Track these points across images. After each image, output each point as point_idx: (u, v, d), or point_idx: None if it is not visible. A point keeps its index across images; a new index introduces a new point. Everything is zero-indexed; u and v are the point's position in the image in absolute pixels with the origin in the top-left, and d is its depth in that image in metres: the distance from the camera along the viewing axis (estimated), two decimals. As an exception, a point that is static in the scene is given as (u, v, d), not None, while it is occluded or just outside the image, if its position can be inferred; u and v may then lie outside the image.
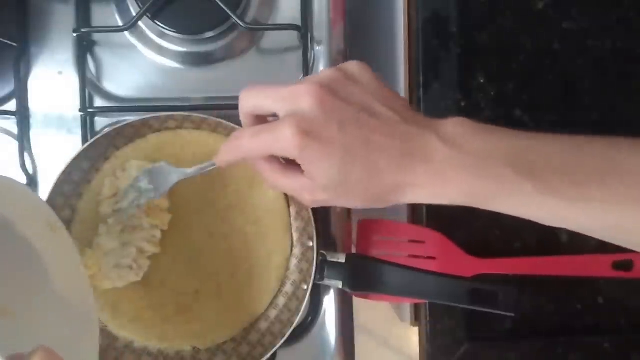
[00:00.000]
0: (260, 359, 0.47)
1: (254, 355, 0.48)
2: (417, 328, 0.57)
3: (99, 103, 0.52)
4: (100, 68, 0.52)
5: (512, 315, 0.45)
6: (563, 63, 0.58)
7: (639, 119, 0.57)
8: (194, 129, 0.49)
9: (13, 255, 0.38)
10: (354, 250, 0.54)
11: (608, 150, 0.36)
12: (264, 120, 0.40)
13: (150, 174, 0.46)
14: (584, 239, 0.39)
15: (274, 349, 0.47)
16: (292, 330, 0.47)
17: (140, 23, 0.51)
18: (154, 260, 0.48)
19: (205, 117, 0.47)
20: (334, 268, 0.47)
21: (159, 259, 0.48)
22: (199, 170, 0.44)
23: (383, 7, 0.65)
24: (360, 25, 0.65)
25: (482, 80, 0.57)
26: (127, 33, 0.52)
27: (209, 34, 0.51)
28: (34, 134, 0.51)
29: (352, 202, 0.39)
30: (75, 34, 0.50)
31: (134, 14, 0.50)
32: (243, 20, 0.49)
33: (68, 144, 0.51)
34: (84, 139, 0.50)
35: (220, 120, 0.48)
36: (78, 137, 0.50)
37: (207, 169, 0.43)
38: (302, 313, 0.47)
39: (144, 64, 0.52)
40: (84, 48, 0.51)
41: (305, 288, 0.47)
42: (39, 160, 0.51)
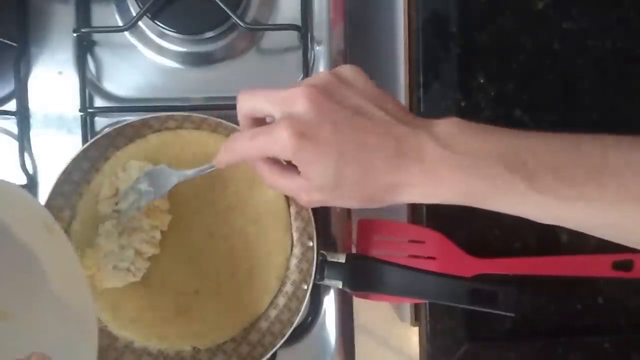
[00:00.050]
0: (260, 359, 0.47)
1: (254, 355, 0.48)
2: (417, 328, 0.57)
3: (99, 103, 0.52)
4: (100, 68, 0.52)
5: (512, 315, 0.45)
6: (563, 63, 0.58)
7: (639, 119, 0.57)
8: (194, 129, 0.49)
9: (10, 258, 0.38)
10: (354, 250, 0.54)
11: (604, 148, 0.36)
12: (262, 122, 0.40)
13: (150, 176, 0.46)
14: (584, 239, 0.39)
15: (274, 349, 0.47)
16: (292, 330, 0.47)
17: (140, 23, 0.51)
18: (154, 261, 0.48)
19: (205, 117, 0.47)
20: (334, 268, 0.47)
21: (159, 260, 0.48)
22: (199, 172, 0.44)
23: (383, 7, 0.65)
24: (360, 25, 0.65)
25: (482, 80, 0.57)
26: (127, 33, 0.52)
27: (209, 34, 0.51)
28: (34, 134, 0.51)
29: (347, 202, 0.39)
30: (75, 34, 0.50)
31: (134, 14, 0.50)
32: (243, 20, 0.50)
33: (68, 144, 0.51)
34: (84, 139, 0.50)
35: (220, 120, 0.48)
36: (78, 137, 0.51)
37: (206, 171, 0.43)
38: (302, 313, 0.47)
39: (144, 64, 0.52)
40: (84, 48, 0.51)
41: (305, 288, 0.47)
42: (39, 160, 0.51)
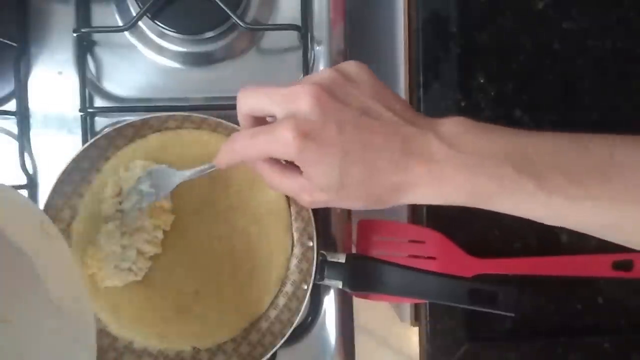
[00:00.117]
0: (260, 359, 0.47)
1: (254, 355, 0.48)
2: (417, 328, 0.57)
3: (99, 103, 0.52)
4: (100, 68, 0.52)
5: (512, 315, 0.45)
6: (563, 63, 0.58)
7: (639, 119, 0.57)
8: (194, 129, 0.49)
9: (6, 263, 0.38)
10: (354, 250, 0.54)
11: (610, 148, 0.36)
12: (263, 121, 0.40)
13: (152, 177, 0.46)
14: (584, 239, 0.39)
15: (274, 349, 0.47)
16: (292, 330, 0.47)
17: (140, 23, 0.51)
18: (155, 261, 0.48)
19: (206, 117, 0.47)
20: (334, 268, 0.47)
21: (160, 259, 0.48)
22: (199, 172, 0.44)
23: (383, 7, 0.65)
24: (360, 25, 0.65)
25: (482, 80, 0.57)
26: (127, 33, 0.52)
27: (209, 34, 0.51)
28: (34, 134, 0.51)
29: (352, 203, 0.38)
30: (75, 34, 0.50)
31: (134, 14, 0.50)
32: (243, 20, 0.49)
33: (68, 144, 0.51)
34: (84, 139, 0.50)
35: (221, 120, 0.48)
36: (78, 137, 0.50)
37: (207, 171, 0.43)
38: (302, 313, 0.47)
39: (144, 64, 0.52)
40: (84, 48, 0.51)
41: (305, 288, 0.47)
42: (39, 160, 0.51)
